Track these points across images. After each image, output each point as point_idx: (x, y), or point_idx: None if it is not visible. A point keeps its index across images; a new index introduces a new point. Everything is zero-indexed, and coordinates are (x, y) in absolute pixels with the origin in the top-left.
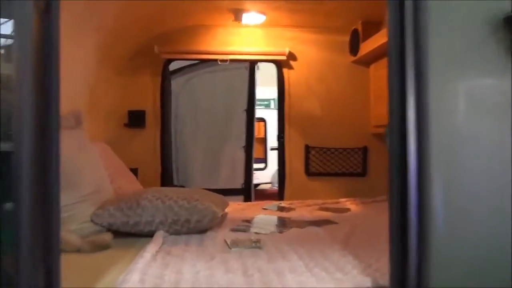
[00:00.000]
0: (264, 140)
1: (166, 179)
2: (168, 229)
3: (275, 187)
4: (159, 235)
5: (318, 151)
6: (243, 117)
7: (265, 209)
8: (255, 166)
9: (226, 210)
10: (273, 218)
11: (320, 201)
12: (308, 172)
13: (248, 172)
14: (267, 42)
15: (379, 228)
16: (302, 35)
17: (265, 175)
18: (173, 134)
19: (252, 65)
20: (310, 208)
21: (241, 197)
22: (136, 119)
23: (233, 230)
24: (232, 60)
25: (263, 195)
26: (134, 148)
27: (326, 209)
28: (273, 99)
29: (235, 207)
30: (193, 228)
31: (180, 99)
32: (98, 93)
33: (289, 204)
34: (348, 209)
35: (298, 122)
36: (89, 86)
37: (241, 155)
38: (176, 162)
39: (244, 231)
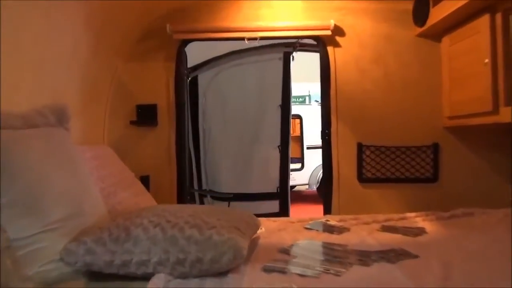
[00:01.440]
0: (300, 139)
1: (184, 189)
2: (171, 271)
3: (313, 188)
4: (158, 280)
5: (374, 150)
6: (277, 113)
7: (308, 228)
8: (291, 166)
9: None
10: (321, 246)
11: (380, 217)
12: (362, 178)
13: (284, 174)
14: (307, 14)
15: (482, 262)
16: (351, 3)
17: (301, 176)
18: (200, 134)
19: (287, 55)
20: (369, 228)
21: (276, 202)
22: (146, 115)
23: (266, 270)
24: (262, 38)
25: (300, 198)
26: (144, 151)
27: (393, 230)
28: (308, 95)
29: (269, 226)
30: (207, 270)
31: (207, 96)
32: (96, 84)
33: (340, 220)
34: (423, 230)
35: (348, 115)
36: (81, 74)
37: (275, 155)
38: (204, 164)
39: (281, 271)
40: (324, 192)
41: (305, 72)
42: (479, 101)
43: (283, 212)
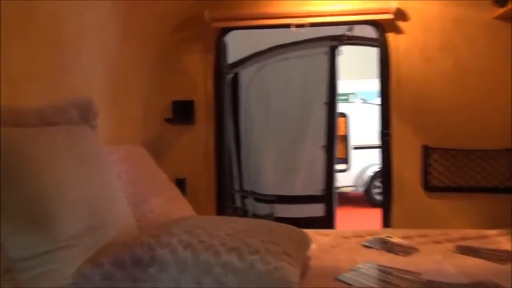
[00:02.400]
0: (345, 138)
1: (224, 193)
2: None
3: (359, 190)
4: None
5: (443, 154)
6: (322, 111)
7: (367, 246)
8: (336, 167)
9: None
10: (387, 273)
11: (453, 234)
12: (428, 186)
13: (330, 176)
14: None
15: None
16: None
17: (347, 177)
18: (242, 132)
19: (333, 49)
20: (442, 249)
21: (321, 206)
22: (182, 112)
23: None
24: (312, 25)
25: (346, 200)
26: (180, 151)
27: (472, 252)
28: (353, 93)
29: (320, 242)
30: None
31: (249, 92)
32: (127, 77)
33: (404, 237)
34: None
35: (411, 113)
36: (110, 66)
37: (320, 155)
38: (246, 164)
39: None
40: (382, 202)
41: (349, 68)
42: None
43: (328, 216)
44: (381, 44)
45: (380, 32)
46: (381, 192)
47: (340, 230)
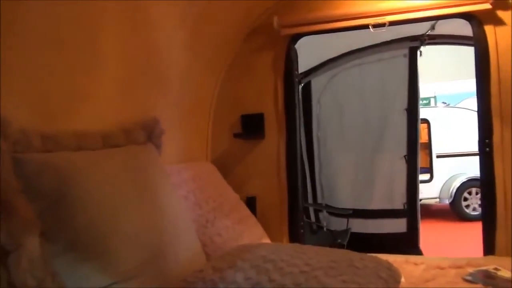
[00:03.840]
0: (428, 146)
1: (296, 213)
2: None
3: (444, 202)
4: None
5: None
6: (402, 118)
7: (469, 281)
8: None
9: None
10: None
11: None
12: None
13: (412, 188)
14: None
15: None
16: None
17: (430, 189)
18: (315, 144)
19: (413, 50)
20: None
21: (403, 221)
22: (252, 127)
23: None
24: (392, 23)
25: (429, 213)
26: (250, 168)
27: None
28: (434, 97)
29: (411, 274)
30: None
31: (321, 102)
32: (196, 91)
33: None
34: None
35: None
36: (178, 81)
37: (401, 166)
38: (319, 177)
39: None
40: (484, 224)
41: (429, 70)
42: None
43: (412, 232)
44: (478, 40)
45: (476, 25)
46: (480, 207)
47: (434, 257)
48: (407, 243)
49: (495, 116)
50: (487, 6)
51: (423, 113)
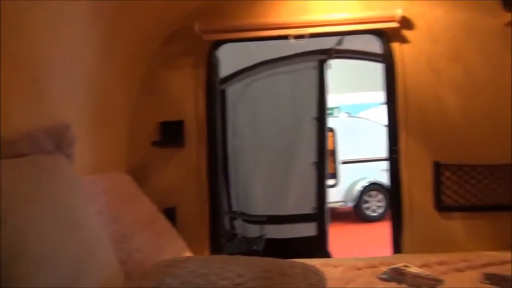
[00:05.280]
0: (334, 153)
1: (218, 220)
2: None
3: (348, 205)
4: None
5: (456, 171)
6: (312, 127)
7: (383, 279)
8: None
9: None
10: None
11: (474, 259)
12: (441, 206)
13: (321, 193)
14: (366, 4)
15: None
16: None
17: (336, 193)
18: (230, 151)
19: (321, 63)
20: (468, 277)
21: (313, 225)
22: (171, 134)
23: None
24: (313, 35)
25: (336, 216)
26: (169, 177)
27: (502, 281)
28: (337, 107)
29: (332, 277)
30: None
31: (237, 110)
32: (111, 97)
33: (422, 265)
34: None
35: (420, 127)
36: (90, 86)
37: (311, 173)
38: (235, 185)
39: None
40: (392, 224)
41: (333, 82)
42: None
43: (321, 235)
44: (387, 55)
45: (385, 42)
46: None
47: (350, 258)
48: (317, 246)
49: (401, 125)
50: (395, 24)
51: (329, 122)
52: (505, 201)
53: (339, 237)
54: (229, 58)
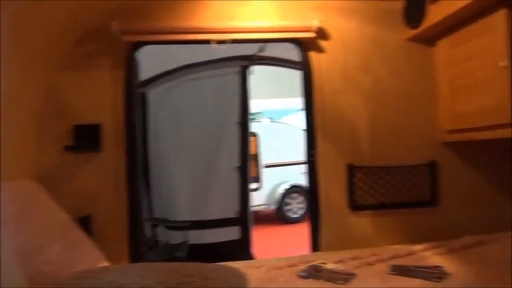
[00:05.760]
0: (256, 157)
1: (138, 228)
2: None
3: (271, 208)
4: None
5: (367, 172)
6: (235, 131)
7: (302, 277)
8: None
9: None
10: None
11: (383, 253)
12: (354, 205)
13: (245, 197)
14: (285, 13)
15: None
16: (334, 2)
17: (259, 196)
18: (151, 157)
19: (244, 69)
20: (378, 271)
21: (237, 228)
22: (86, 138)
23: None
24: (235, 41)
25: (259, 219)
26: (83, 184)
27: (407, 272)
28: (260, 112)
29: (254, 277)
30: None
31: (159, 114)
32: (17, 98)
33: (337, 261)
34: (441, 269)
35: (336, 132)
36: None
37: (234, 177)
38: (157, 191)
39: None
40: (310, 224)
41: (255, 88)
42: (493, 112)
43: (244, 238)
44: (304, 63)
45: (303, 50)
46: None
47: (271, 259)
48: (241, 249)
49: (318, 130)
50: (312, 34)
51: (252, 127)
52: (408, 199)
53: (263, 240)
54: (151, 60)
